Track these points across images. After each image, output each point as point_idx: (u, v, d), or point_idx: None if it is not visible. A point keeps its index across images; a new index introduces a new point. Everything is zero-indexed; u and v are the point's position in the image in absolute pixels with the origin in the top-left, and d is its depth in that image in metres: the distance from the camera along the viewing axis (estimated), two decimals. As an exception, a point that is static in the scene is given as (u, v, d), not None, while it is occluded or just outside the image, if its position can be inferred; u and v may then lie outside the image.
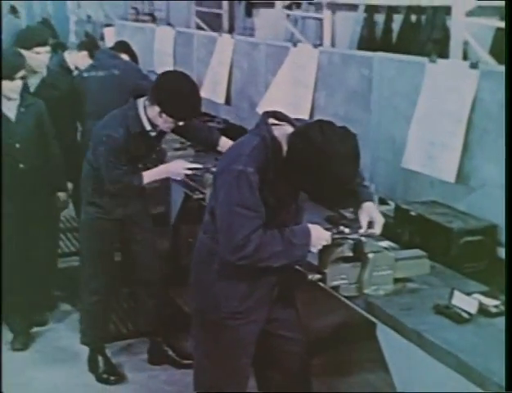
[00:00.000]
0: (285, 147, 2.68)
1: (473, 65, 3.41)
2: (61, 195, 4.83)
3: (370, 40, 8.79)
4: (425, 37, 7.97)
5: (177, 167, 4.04)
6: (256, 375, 3.23)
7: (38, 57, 4.94)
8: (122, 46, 5.61)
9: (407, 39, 8.23)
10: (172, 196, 5.08)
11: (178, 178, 4.07)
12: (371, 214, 2.99)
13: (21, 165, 4.48)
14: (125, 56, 5.35)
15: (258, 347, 3.06)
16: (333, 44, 9.70)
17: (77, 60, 5.44)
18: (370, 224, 2.98)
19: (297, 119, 2.84)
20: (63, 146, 4.84)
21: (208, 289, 2.90)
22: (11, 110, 4.46)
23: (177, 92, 3.71)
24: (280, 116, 2.80)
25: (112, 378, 4.22)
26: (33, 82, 5.03)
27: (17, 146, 4.45)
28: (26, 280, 4.69)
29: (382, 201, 4.12)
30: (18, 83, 4.39)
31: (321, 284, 2.93)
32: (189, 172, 3.99)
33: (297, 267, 3.01)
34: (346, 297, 2.95)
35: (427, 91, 3.68)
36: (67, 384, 4.26)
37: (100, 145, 3.82)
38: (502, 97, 3.23)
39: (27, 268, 4.69)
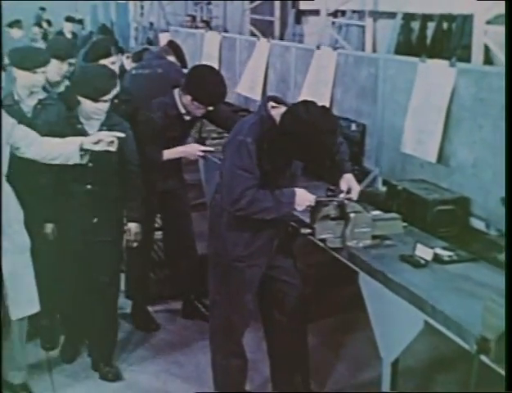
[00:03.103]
0: (278, 123, 3.38)
1: (452, 64, 4.05)
2: (133, 226, 4.33)
3: (406, 46, 9.40)
4: (455, 43, 8.54)
5: (192, 148, 4.79)
6: (262, 315, 3.94)
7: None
8: (171, 46, 6.34)
9: (440, 45, 8.82)
10: (209, 181, 5.82)
11: (193, 158, 4.85)
12: (350, 182, 3.70)
13: (88, 186, 4.07)
14: (172, 58, 6.08)
15: (265, 290, 3.78)
16: (374, 49, 10.35)
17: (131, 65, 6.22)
18: (349, 191, 3.67)
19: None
20: None
21: (219, 237, 3.63)
22: (93, 128, 4.07)
23: (204, 82, 4.42)
24: (278, 100, 3.52)
25: (150, 326, 4.97)
26: None
27: (89, 165, 3.96)
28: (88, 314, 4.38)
29: (385, 182, 4.76)
30: (101, 106, 4.02)
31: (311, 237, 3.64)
32: (202, 154, 4.76)
33: (293, 223, 3.74)
34: (332, 248, 3.65)
35: (418, 86, 4.33)
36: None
37: (140, 125, 4.55)
38: (475, 91, 3.89)
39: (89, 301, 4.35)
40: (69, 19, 12.44)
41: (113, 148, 3.75)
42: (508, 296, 2.37)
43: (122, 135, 3.78)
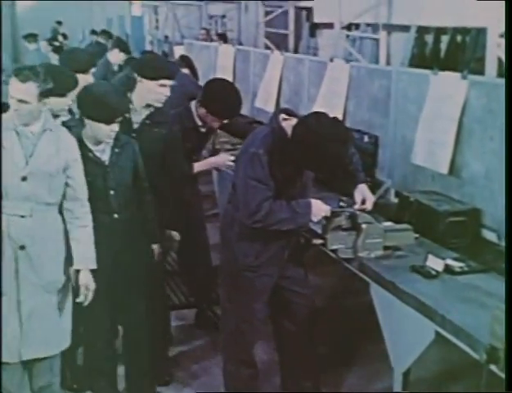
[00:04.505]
0: (290, 134, 3.42)
1: (464, 77, 4.07)
2: (155, 247, 4.14)
3: (420, 59, 9.44)
4: (469, 55, 8.57)
5: (222, 159, 4.85)
6: (273, 325, 3.95)
7: (162, 91, 4.06)
8: (184, 60, 6.44)
9: (453, 58, 8.87)
10: (222, 192, 5.88)
11: (224, 169, 4.88)
12: (364, 193, 3.73)
13: (115, 216, 3.79)
14: (185, 70, 6.17)
15: (275, 300, 3.79)
16: (388, 62, 10.37)
17: None
18: (364, 201, 3.70)
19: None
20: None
21: (230, 247, 3.66)
22: (104, 152, 3.76)
23: (220, 96, 4.47)
24: (289, 112, 3.56)
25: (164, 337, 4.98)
26: (138, 119, 4.13)
27: (111, 192, 3.77)
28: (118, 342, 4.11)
29: (397, 194, 4.78)
30: (115, 128, 3.68)
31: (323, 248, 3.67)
32: (232, 164, 4.75)
33: (304, 233, 3.77)
34: (343, 259, 3.68)
35: (430, 98, 4.36)
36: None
37: (165, 138, 4.54)
38: (486, 102, 3.92)
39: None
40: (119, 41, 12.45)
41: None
42: (508, 300, 2.43)
43: None
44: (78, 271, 3.56)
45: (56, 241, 3.52)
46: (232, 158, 4.81)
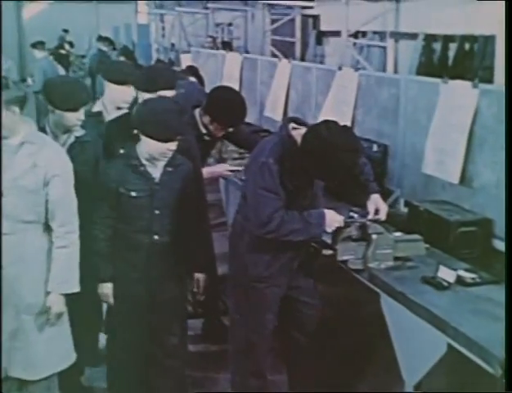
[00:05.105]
0: (299, 143, 3.39)
1: (475, 85, 4.03)
2: (201, 277, 3.89)
3: (427, 66, 9.42)
4: (477, 63, 8.54)
5: (221, 169, 4.84)
6: (281, 335, 3.90)
7: None
8: (191, 69, 6.45)
9: (461, 66, 8.84)
10: (229, 200, 5.86)
11: (225, 177, 4.94)
12: (377, 203, 3.69)
13: (156, 237, 3.61)
14: (192, 78, 6.17)
15: (284, 310, 3.76)
16: (396, 70, 10.35)
17: None
18: (377, 211, 3.66)
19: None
20: None
21: (240, 257, 3.63)
22: (156, 169, 3.61)
23: (224, 103, 4.44)
24: (298, 121, 3.54)
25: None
26: None
27: (156, 212, 3.59)
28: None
29: (407, 203, 4.73)
30: (173, 146, 3.54)
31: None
32: (230, 174, 4.82)
33: (314, 244, 3.73)
34: (353, 270, 3.63)
35: (440, 107, 4.32)
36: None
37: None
38: (497, 111, 3.88)
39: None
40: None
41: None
42: (508, 301, 2.46)
43: None
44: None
45: (38, 262, 3.37)
46: (231, 167, 4.82)
